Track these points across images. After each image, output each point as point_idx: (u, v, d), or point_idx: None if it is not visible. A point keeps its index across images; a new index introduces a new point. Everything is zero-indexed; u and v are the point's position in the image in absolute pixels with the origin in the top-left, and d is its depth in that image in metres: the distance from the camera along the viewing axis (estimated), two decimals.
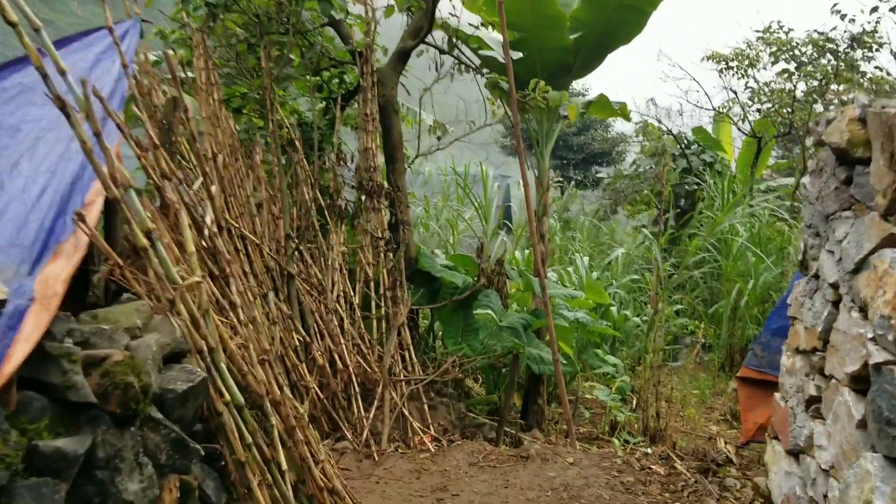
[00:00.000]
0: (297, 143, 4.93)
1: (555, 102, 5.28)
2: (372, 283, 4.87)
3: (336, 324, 4.59)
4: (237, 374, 2.49)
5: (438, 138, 6.31)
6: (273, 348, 3.95)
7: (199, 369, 2.28)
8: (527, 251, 8.62)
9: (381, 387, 4.46)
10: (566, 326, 5.39)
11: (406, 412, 4.39)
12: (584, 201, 16.87)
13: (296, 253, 4.49)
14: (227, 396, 2.33)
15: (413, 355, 4.85)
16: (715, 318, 7.77)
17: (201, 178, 3.66)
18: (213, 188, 3.32)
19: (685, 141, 12.30)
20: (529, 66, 5.86)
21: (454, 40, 5.32)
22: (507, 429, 4.87)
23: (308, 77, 5.10)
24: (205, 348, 2.31)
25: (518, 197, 14.37)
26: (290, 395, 4.19)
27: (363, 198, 4.97)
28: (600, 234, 12.60)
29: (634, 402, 5.71)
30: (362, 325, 4.72)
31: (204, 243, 3.08)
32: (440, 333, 5.78)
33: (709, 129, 13.06)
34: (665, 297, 7.20)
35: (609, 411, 5.32)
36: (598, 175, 20.66)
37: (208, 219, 2.94)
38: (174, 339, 2.31)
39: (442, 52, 5.41)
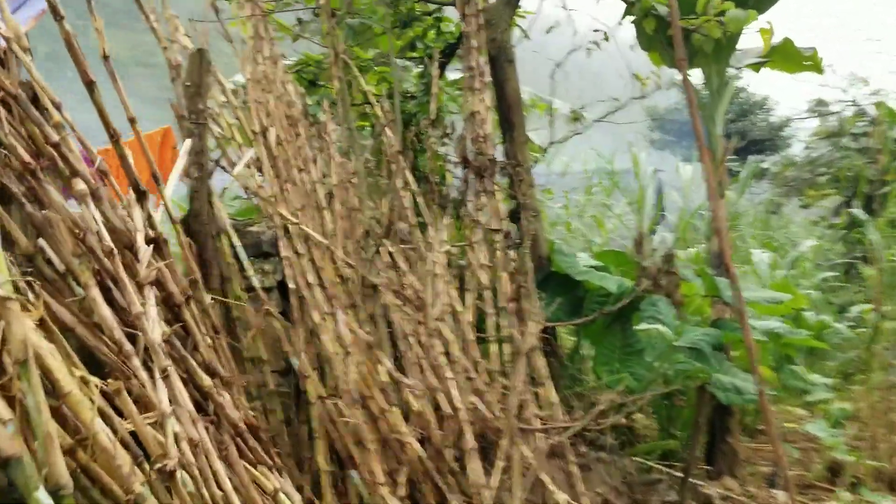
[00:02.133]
0: (384, 115, 3.95)
1: (737, 25, 3.96)
2: (488, 293, 3.76)
3: (440, 350, 3.53)
4: None
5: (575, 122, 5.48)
6: (347, 387, 2.98)
7: None
8: (692, 249, 7.39)
9: (506, 439, 3.33)
10: (759, 340, 4.08)
11: (545, 476, 3.24)
12: (750, 192, 15.48)
13: (379, 256, 3.48)
14: None
15: (552, 392, 3.68)
16: None
17: (246, 158, 2.75)
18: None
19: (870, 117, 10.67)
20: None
21: None
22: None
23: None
24: None
25: (674, 187, 12.93)
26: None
27: (471, 178, 3.88)
28: (770, 228, 11.25)
29: (854, 435, 4.54)
30: (477, 352, 3.61)
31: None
32: (590, 358, 4.55)
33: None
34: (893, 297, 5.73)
35: (825, 449, 4.03)
36: (762, 164, 19.34)
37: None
38: None
39: None
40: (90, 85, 1.79)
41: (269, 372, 3.25)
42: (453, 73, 5.10)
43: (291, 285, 3.26)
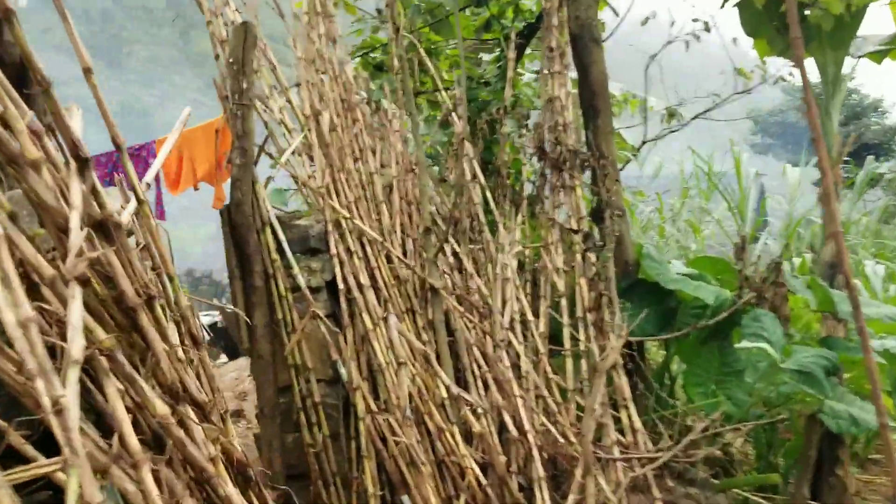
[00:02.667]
0: (453, 102, 3.62)
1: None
2: (564, 301, 3.38)
3: (508, 364, 3.17)
4: None
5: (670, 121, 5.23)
6: (399, 403, 2.66)
7: None
8: (797, 259, 6.77)
9: (580, 469, 2.94)
10: (878, 362, 3.51)
11: None
12: (861, 200, 14.43)
13: (442, 256, 3.15)
14: None
15: (635, 415, 3.27)
16: None
17: (296, 144, 2.49)
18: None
19: None
20: None
21: None
22: None
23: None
24: None
25: (777, 192, 12.12)
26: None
27: (548, 171, 3.50)
28: (883, 238, 10.31)
29: None
30: (549, 367, 3.23)
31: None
32: (680, 377, 4.08)
33: None
34: None
35: None
36: (878, 169, 18.26)
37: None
38: None
39: None
40: None
41: (315, 381, 2.96)
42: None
43: (341, 286, 2.97)
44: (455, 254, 3.52)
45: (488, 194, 3.63)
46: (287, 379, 2.98)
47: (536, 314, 3.46)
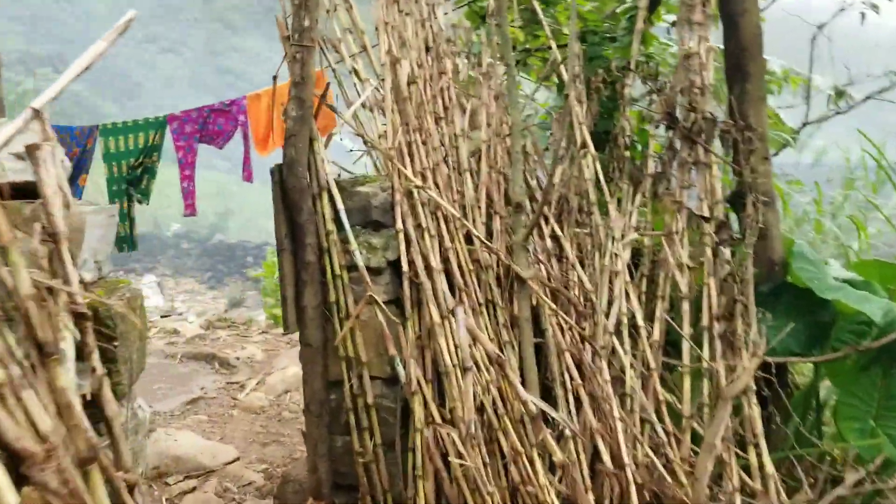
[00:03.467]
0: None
1: None
2: (687, 305, 2.76)
3: (608, 378, 2.61)
4: None
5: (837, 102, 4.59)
6: (467, 414, 2.21)
7: None
8: None
9: None
10: None
11: None
12: None
13: (538, 239, 2.63)
14: None
15: (766, 455, 2.64)
16: None
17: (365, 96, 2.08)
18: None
19: None
20: None
21: None
22: None
23: None
24: None
25: None
26: None
27: (677, 143, 2.88)
28: None
29: None
30: (660, 386, 2.65)
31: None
32: (829, 409, 3.35)
33: None
34: None
35: None
36: None
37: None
38: None
39: None
40: None
41: (370, 378, 2.52)
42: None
43: (406, 268, 2.51)
44: (555, 237, 2.97)
45: (600, 168, 3.03)
46: (339, 373, 2.56)
47: (650, 318, 2.86)
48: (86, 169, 4.95)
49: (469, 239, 2.64)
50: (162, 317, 9.16)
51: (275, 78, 2.85)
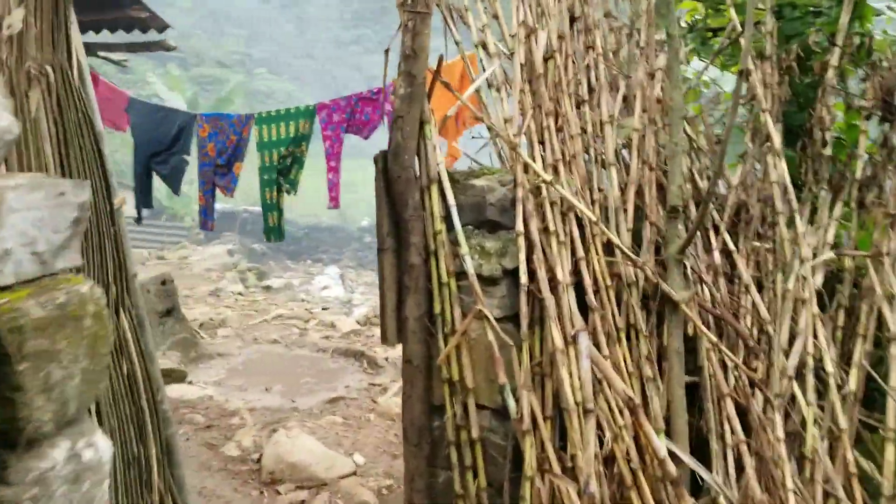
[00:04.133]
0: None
1: None
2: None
3: (781, 436, 2.05)
4: None
5: None
6: (588, 466, 1.79)
7: None
8: None
9: None
10: None
11: None
12: None
13: (703, 253, 2.14)
14: None
15: None
16: None
17: (488, 73, 1.77)
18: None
19: None
20: None
21: None
22: None
23: None
24: None
25: None
26: None
27: (894, 139, 2.23)
28: None
29: None
30: (852, 451, 2.03)
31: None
32: None
33: None
34: None
35: None
36: None
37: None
38: None
39: None
40: None
41: (476, 407, 2.13)
42: None
43: (524, 279, 2.08)
44: (726, 251, 2.42)
45: (786, 169, 2.43)
46: (443, 396, 2.19)
47: (845, 363, 2.23)
48: (241, 157, 4.99)
49: (609, 249, 2.17)
50: (323, 309, 9.30)
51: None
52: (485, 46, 2.44)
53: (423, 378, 2.23)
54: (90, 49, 8.68)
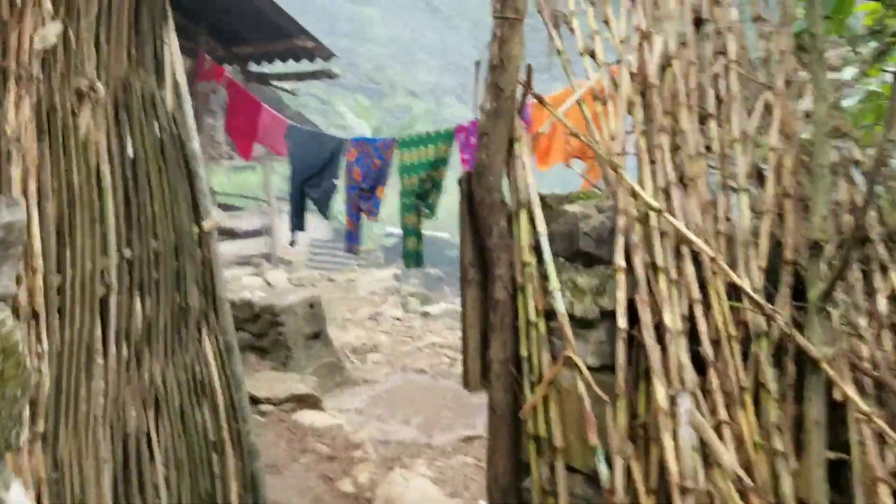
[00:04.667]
0: None
1: None
2: None
3: None
4: None
5: None
6: None
7: None
8: None
9: None
10: None
11: None
12: None
13: (841, 298, 1.74)
14: None
15: None
16: None
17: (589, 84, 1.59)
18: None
19: None
20: None
21: None
22: None
23: None
24: None
25: None
26: None
27: None
28: None
29: None
30: None
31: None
32: None
33: None
34: None
35: None
36: None
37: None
38: None
39: None
40: None
41: (565, 470, 1.83)
42: None
43: (622, 323, 1.76)
44: (895, 297, 1.96)
45: None
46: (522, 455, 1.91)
47: None
48: (384, 181, 5.00)
49: (734, 291, 1.81)
50: None
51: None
52: (592, 55, 2.16)
53: (510, 430, 1.96)
54: (263, 79, 9.19)
